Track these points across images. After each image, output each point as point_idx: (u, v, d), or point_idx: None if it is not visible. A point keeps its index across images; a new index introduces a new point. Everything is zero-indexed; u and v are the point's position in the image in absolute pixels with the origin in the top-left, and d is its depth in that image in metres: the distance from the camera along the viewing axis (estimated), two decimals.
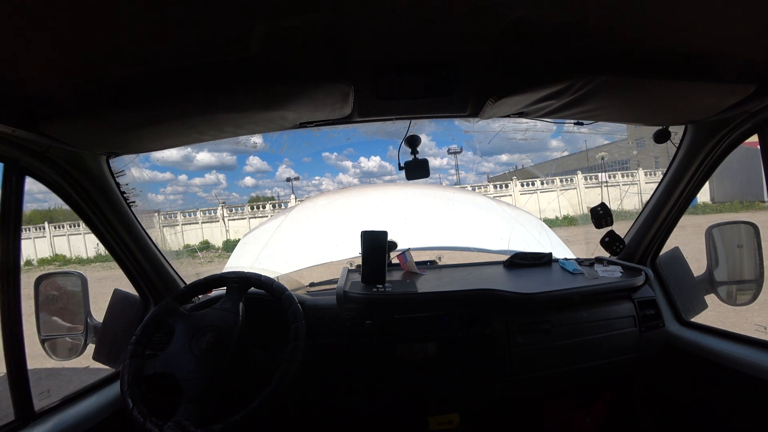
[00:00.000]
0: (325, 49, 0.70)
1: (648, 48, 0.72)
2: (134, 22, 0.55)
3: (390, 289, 1.20)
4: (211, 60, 0.68)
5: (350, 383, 1.16)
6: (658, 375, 1.30)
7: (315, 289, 1.45)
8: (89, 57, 0.61)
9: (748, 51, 0.74)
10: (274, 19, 0.59)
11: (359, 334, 1.14)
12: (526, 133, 1.29)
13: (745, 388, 1.02)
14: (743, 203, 14.93)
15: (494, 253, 1.78)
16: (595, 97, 0.82)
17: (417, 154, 1.20)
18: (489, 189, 19.03)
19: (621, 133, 17.48)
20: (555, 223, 14.15)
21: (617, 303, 1.24)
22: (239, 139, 1.06)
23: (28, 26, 0.52)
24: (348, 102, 0.84)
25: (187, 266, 1.37)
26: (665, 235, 1.35)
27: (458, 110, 1.04)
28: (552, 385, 1.29)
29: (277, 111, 0.84)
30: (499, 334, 1.15)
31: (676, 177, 1.21)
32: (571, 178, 18.25)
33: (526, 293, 1.12)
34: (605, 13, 0.63)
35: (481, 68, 0.81)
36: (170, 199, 27.28)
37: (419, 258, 1.54)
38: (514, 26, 0.66)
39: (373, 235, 1.25)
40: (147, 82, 0.69)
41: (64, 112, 0.72)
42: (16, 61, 0.59)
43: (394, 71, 0.81)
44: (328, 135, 1.18)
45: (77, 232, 16.82)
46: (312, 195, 17.54)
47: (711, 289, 1.31)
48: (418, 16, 0.63)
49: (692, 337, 1.22)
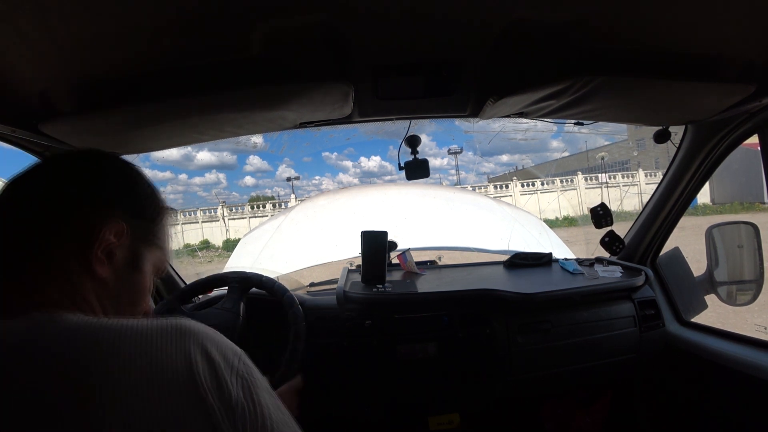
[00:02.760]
0: (326, 50, 0.70)
1: (648, 48, 0.72)
2: (134, 23, 0.55)
3: (390, 289, 1.20)
4: (211, 60, 0.68)
5: (350, 383, 1.16)
6: (658, 375, 1.30)
7: (315, 289, 1.45)
8: (89, 57, 0.61)
9: (748, 51, 0.74)
10: (274, 19, 0.60)
11: (359, 334, 1.14)
12: (526, 133, 1.30)
13: (745, 388, 1.02)
14: (743, 204, 14.93)
15: (494, 253, 1.79)
16: (595, 97, 0.82)
17: (417, 154, 1.20)
18: (489, 189, 19.04)
19: (621, 133, 17.47)
20: (555, 223, 14.15)
21: (617, 303, 1.24)
22: (239, 139, 1.06)
23: (29, 27, 0.52)
24: (348, 102, 0.84)
25: (187, 266, 1.37)
26: (665, 235, 1.35)
27: (458, 110, 1.04)
28: (552, 385, 1.29)
29: (277, 111, 0.84)
30: (499, 334, 1.15)
31: (676, 177, 1.21)
32: (572, 179, 18.26)
33: (526, 293, 1.12)
34: (605, 13, 0.63)
35: (481, 68, 0.81)
36: (170, 199, 27.14)
37: (419, 258, 1.54)
38: (514, 26, 0.66)
39: (373, 235, 1.25)
40: (147, 82, 0.69)
41: (63, 112, 0.72)
42: (16, 61, 0.59)
43: (394, 71, 0.81)
44: (328, 135, 1.18)
45: None
46: (312, 195, 17.54)
47: (711, 290, 1.31)
48: (418, 16, 0.63)
49: (692, 337, 1.22)
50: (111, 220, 0.43)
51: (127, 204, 0.47)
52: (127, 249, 0.46)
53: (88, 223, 0.42)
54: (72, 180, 0.45)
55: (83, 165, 0.47)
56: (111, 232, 0.43)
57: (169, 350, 0.36)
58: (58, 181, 0.44)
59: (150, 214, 0.50)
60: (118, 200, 0.46)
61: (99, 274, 0.42)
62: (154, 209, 0.50)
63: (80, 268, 0.42)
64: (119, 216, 0.44)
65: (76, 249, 0.42)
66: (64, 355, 0.33)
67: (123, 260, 0.45)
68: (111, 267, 0.44)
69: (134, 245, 0.47)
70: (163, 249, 0.52)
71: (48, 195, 0.43)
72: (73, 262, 0.42)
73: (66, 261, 0.41)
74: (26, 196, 0.43)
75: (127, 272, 0.46)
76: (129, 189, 0.48)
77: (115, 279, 0.45)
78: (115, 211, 0.45)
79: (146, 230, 0.49)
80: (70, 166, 0.47)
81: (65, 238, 0.42)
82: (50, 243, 0.42)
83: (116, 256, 0.44)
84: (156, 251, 0.50)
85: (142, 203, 0.49)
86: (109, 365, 0.33)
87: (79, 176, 0.46)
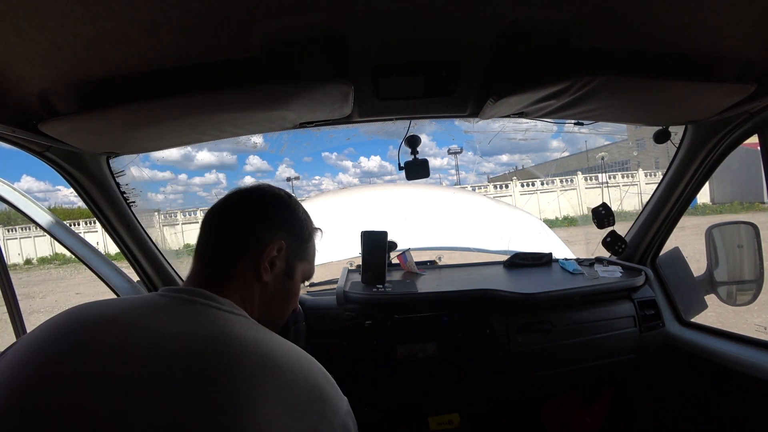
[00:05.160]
0: (326, 50, 0.70)
1: (648, 48, 0.72)
2: (134, 22, 0.55)
3: (390, 289, 1.20)
4: (211, 60, 0.68)
5: (350, 383, 1.16)
6: (658, 375, 1.30)
7: (315, 289, 1.45)
8: (89, 57, 0.61)
9: (748, 51, 0.73)
10: (274, 19, 0.59)
11: (359, 334, 1.14)
12: (526, 133, 1.29)
13: (745, 388, 1.02)
14: (743, 204, 14.93)
15: (494, 253, 1.79)
16: (595, 97, 0.82)
17: (417, 154, 1.20)
18: (489, 189, 19.04)
19: (621, 133, 17.52)
20: (555, 223, 14.15)
21: (617, 303, 1.24)
22: (239, 139, 1.06)
23: (29, 27, 0.52)
24: (348, 102, 0.84)
25: (187, 265, 1.37)
26: (665, 235, 1.35)
27: (458, 110, 1.04)
28: (552, 385, 1.29)
29: (277, 111, 0.84)
30: (499, 334, 1.15)
31: (676, 177, 1.21)
32: (571, 179, 18.26)
33: (526, 293, 1.12)
34: (605, 13, 0.63)
35: (481, 68, 0.81)
36: (170, 199, 27.32)
37: (419, 258, 1.55)
38: (514, 26, 0.66)
39: (373, 235, 1.25)
40: (147, 82, 0.69)
41: (63, 112, 0.72)
42: (15, 61, 0.59)
43: (394, 71, 0.80)
44: (328, 135, 1.18)
45: (77, 231, 16.83)
46: (312, 195, 17.54)
47: (711, 290, 1.31)
48: (418, 16, 0.63)
49: (692, 337, 1.22)
50: (276, 240, 0.57)
51: (288, 228, 0.61)
52: (284, 261, 0.59)
53: (261, 242, 0.56)
54: (252, 210, 0.60)
55: (259, 197, 0.62)
56: (275, 248, 0.57)
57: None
58: (243, 211, 0.59)
59: (303, 235, 0.63)
60: (282, 225, 0.60)
61: (263, 279, 0.56)
62: (306, 231, 0.65)
63: (252, 274, 0.56)
64: (282, 237, 0.58)
65: (250, 260, 0.56)
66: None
67: (281, 270, 0.59)
68: (272, 274, 0.57)
69: (290, 259, 0.60)
70: (310, 262, 0.66)
71: (238, 220, 0.58)
72: (249, 271, 0.56)
73: (245, 269, 0.55)
74: (228, 218, 0.59)
75: (283, 279, 0.60)
76: (290, 215, 0.62)
77: (274, 283, 0.58)
78: (279, 233, 0.59)
79: (299, 248, 0.62)
80: (251, 198, 0.62)
81: (245, 252, 0.56)
82: (236, 256, 0.56)
83: (276, 267, 0.58)
84: (305, 264, 0.64)
85: (299, 226, 0.63)
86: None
87: (257, 206, 0.60)
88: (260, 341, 0.45)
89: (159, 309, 0.48)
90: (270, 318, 0.60)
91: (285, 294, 0.61)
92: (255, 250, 0.56)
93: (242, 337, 0.44)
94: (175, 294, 0.51)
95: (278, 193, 0.64)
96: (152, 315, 0.46)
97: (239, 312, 0.50)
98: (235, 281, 0.55)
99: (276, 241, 0.57)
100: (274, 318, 0.61)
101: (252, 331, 0.47)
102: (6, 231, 19.22)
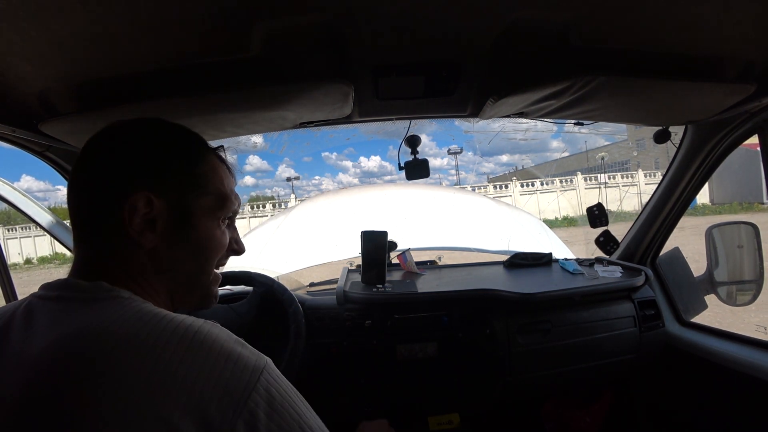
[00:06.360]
0: (325, 49, 0.70)
1: (648, 48, 0.72)
2: (134, 22, 0.55)
3: (390, 289, 1.20)
4: (211, 60, 0.68)
5: (350, 383, 1.16)
6: (658, 375, 1.30)
7: (315, 289, 1.45)
8: (89, 57, 0.61)
9: (748, 51, 0.73)
10: (274, 19, 0.59)
11: (359, 334, 1.14)
12: (526, 133, 1.30)
13: (745, 388, 1.02)
14: (743, 205, 14.94)
15: (494, 253, 1.79)
16: (595, 97, 0.82)
17: (417, 154, 1.20)
18: (489, 189, 19.06)
19: (621, 133, 17.49)
20: (555, 223, 14.16)
21: (617, 303, 1.24)
22: (239, 139, 1.06)
23: (29, 27, 0.52)
24: (348, 102, 0.84)
25: None
26: (665, 235, 1.35)
27: (458, 110, 1.04)
28: (552, 385, 1.29)
29: (277, 111, 0.84)
30: (499, 334, 1.15)
31: (676, 177, 1.21)
32: (571, 179, 18.28)
33: (526, 293, 1.12)
34: (605, 13, 0.63)
35: (481, 68, 0.81)
36: None
37: (419, 258, 1.54)
38: (514, 26, 0.66)
39: (373, 235, 1.25)
40: (147, 82, 0.69)
41: (63, 112, 0.72)
42: (15, 61, 0.59)
43: (394, 71, 0.80)
44: (328, 135, 1.18)
45: None
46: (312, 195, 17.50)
47: (711, 290, 1.31)
48: (418, 16, 0.63)
49: (692, 337, 1.22)
50: (136, 192, 0.41)
51: (149, 166, 0.43)
52: (170, 210, 0.43)
53: (113, 200, 0.41)
54: (88, 164, 0.43)
55: (101, 140, 0.45)
56: (137, 202, 0.41)
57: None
58: (85, 166, 0.44)
59: (182, 163, 0.45)
60: (138, 166, 0.43)
61: (146, 246, 0.42)
62: (188, 154, 0.46)
63: (127, 242, 0.41)
64: (142, 184, 0.41)
65: (115, 226, 0.41)
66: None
67: (169, 223, 0.43)
68: (157, 234, 0.42)
69: (179, 203, 0.43)
70: (215, 193, 0.47)
71: (82, 180, 0.44)
72: (116, 238, 0.41)
73: (118, 242, 0.41)
74: (74, 182, 0.44)
75: (182, 234, 0.44)
76: (147, 147, 0.44)
77: (171, 244, 0.43)
78: (136, 180, 0.42)
79: (186, 182, 0.44)
80: (93, 144, 0.45)
81: (104, 217, 0.41)
82: (98, 227, 0.42)
83: (159, 222, 0.42)
84: (208, 197, 0.46)
85: (170, 155, 0.45)
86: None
87: (99, 155, 0.44)
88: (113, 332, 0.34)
89: (29, 318, 0.38)
90: (189, 290, 0.47)
91: (195, 251, 0.45)
92: (113, 213, 0.41)
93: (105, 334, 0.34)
94: (48, 292, 0.40)
95: (128, 124, 0.46)
96: (21, 329, 0.37)
97: (117, 293, 0.38)
98: (115, 259, 0.41)
99: (134, 194, 0.41)
100: (194, 288, 0.47)
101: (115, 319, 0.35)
102: (6, 231, 19.24)
